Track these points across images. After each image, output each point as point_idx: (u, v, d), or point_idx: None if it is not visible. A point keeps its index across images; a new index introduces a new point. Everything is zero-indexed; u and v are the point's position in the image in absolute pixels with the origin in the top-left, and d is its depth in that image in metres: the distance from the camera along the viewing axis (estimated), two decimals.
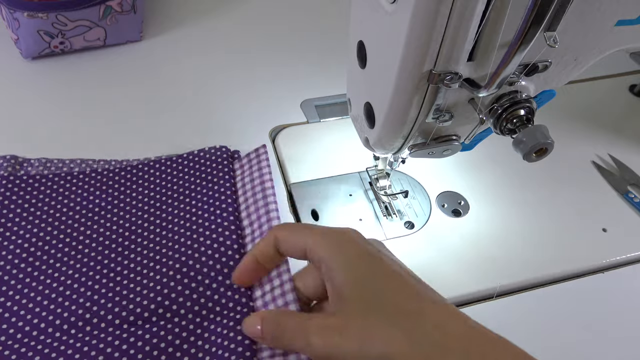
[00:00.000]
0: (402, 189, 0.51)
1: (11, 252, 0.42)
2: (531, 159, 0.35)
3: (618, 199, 0.53)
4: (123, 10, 0.59)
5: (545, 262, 0.47)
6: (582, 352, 0.42)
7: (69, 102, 0.56)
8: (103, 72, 0.60)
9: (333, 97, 0.60)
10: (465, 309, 0.44)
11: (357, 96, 0.41)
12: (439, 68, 0.32)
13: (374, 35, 0.35)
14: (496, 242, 0.48)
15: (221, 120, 0.56)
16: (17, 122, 0.54)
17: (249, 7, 0.72)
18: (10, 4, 0.54)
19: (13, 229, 0.43)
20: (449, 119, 0.36)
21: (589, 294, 0.45)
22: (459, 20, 0.29)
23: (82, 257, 0.42)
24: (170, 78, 0.60)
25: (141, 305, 0.39)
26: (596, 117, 0.61)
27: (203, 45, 0.65)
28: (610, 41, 0.35)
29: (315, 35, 0.68)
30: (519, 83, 0.35)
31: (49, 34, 0.57)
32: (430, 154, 0.41)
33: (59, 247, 0.43)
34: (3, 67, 0.59)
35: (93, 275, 0.42)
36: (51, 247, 0.43)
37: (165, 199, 0.47)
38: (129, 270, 0.42)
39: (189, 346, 0.38)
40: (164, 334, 0.38)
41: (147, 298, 0.40)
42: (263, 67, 0.63)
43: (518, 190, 0.52)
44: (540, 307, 0.44)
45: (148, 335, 0.38)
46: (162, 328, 0.38)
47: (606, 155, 0.57)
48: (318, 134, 0.55)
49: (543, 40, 0.30)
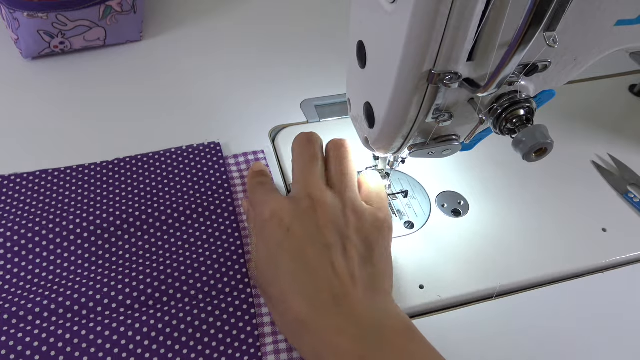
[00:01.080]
0: (402, 189, 0.51)
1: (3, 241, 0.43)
2: (531, 159, 0.35)
3: (618, 199, 0.53)
4: (123, 10, 0.59)
5: (545, 262, 0.47)
6: (582, 351, 0.42)
7: (69, 102, 0.56)
8: (103, 72, 0.60)
9: (333, 97, 0.60)
10: (465, 309, 0.44)
11: (356, 96, 0.41)
12: (439, 68, 0.32)
13: (373, 35, 0.35)
14: (496, 242, 0.48)
15: (221, 120, 0.56)
16: (17, 122, 0.54)
17: (249, 7, 0.72)
18: (10, 4, 0.54)
19: (7, 225, 0.44)
20: (448, 119, 0.36)
21: (589, 294, 0.45)
22: (458, 20, 0.29)
23: (76, 249, 0.43)
24: (170, 78, 0.60)
25: (138, 290, 0.41)
26: (596, 117, 0.61)
27: (203, 45, 0.65)
28: (610, 41, 0.35)
29: (315, 35, 0.68)
30: (518, 83, 0.35)
31: (49, 34, 0.57)
32: (430, 154, 0.41)
33: (50, 238, 0.43)
34: (3, 67, 0.59)
35: (88, 266, 0.43)
36: (42, 238, 0.43)
37: (160, 190, 0.48)
38: (124, 260, 0.43)
39: (187, 327, 0.39)
40: (161, 317, 0.39)
41: (144, 283, 0.41)
42: (263, 67, 0.63)
43: (518, 190, 0.52)
44: (540, 307, 0.44)
45: (145, 317, 0.39)
46: (161, 310, 0.40)
47: (606, 155, 0.57)
48: (318, 134, 0.55)
49: (543, 40, 0.30)
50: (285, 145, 0.54)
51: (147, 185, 0.48)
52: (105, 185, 0.48)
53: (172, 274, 0.42)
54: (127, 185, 0.48)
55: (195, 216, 0.46)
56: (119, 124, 0.55)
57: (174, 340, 0.39)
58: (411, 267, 0.46)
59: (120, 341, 0.38)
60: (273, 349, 0.39)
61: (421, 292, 0.44)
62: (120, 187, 0.48)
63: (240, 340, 0.39)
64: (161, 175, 0.49)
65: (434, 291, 0.44)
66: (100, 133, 0.54)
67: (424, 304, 0.43)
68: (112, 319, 0.39)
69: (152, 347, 0.38)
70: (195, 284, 0.41)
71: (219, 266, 0.43)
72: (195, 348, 0.39)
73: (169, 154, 0.51)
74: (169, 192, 0.48)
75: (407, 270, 0.45)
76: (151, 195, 0.47)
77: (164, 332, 0.39)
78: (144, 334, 0.39)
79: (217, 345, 0.39)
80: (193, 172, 0.49)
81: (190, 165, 0.50)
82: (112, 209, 0.46)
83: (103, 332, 0.39)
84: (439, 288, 0.44)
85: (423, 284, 0.44)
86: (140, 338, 0.38)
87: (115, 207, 0.46)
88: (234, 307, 0.41)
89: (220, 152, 0.51)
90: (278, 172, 0.52)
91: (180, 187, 0.48)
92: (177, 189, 0.48)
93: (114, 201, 0.47)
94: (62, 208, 0.46)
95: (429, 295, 0.44)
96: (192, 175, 0.49)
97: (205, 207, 0.47)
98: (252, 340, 0.39)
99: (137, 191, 0.48)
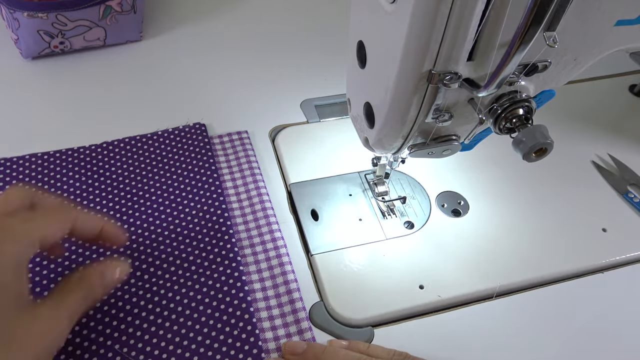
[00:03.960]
0: (399, 196, 0.50)
1: None
2: (531, 159, 0.35)
3: (618, 199, 0.53)
4: (123, 10, 0.59)
5: (545, 262, 0.47)
6: (582, 352, 0.42)
7: (69, 102, 0.56)
8: (103, 72, 0.60)
9: (333, 97, 0.60)
10: (465, 309, 0.44)
11: (356, 96, 0.41)
12: (439, 68, 0.32)
13: (373, 35, 0.35)
14: (496, 242, 0.48)
15: (221, 120, 0.56)
16: (17, 122, 0.54)
17: (249, 7, 0.72)
18: (10, 4, 0.54)
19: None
20: (448, 119, 0.36)
21: (589, 294, 0.45)
22: (458, 20, 0.29)
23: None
24: (170, 78, 0.60)
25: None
26: (596, 117, 0.61)
27: (203, 45, 0.65)
28: (610, 41, 0.35)
29: (315, 36, 0.68)
30: (518, 83, 0.35)
31: (49, 34, 0.57)
32: (430, 154, 0.41)
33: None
34: (3, 67, 0.59)
35: (75, 248, 0.44)
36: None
37: (148, 172, 0.50)
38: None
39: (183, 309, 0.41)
40: (150, 297, 0.41)
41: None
42: (263, 67, 0.63)
43: (518, 190, 0.52)
44: (540, 307, 0.44)
45: (135, 299, 0.41)
46: (150, 291, 0.42)
47: (606, 155, 0.57)
48: (318, 134, 0.55)
49: (543, 40, 0.30)
50: (285, 145, 0.54)
51: (137, 168, 0.50)
52: (96, 167, 0.49)
53: (165, 250, 0.44)
54: (117, 167, 0.50)
55: (182, 192, 0.48)
56: (119, 124, 0.55)
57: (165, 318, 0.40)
58: (411, 267, 0.46)
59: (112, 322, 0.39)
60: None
61: (421, 292, 0.44)
62: (110, 169, 0.49)
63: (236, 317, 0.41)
64: (149, 158, 0.51)
65: (434, 291, 0.44)
66: (100, 133, 0.53)
67: (424, 304, 0.43)
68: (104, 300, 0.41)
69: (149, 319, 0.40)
70: (184, 251, 0.44)
71: (207, 236, 0.45)
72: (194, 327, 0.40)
73: (156, 137, 0.52)
74: (158, 172, 0.50)
75: (407, 270, 0.45)
76: (140, 177, 0.49)
77: (160, 316, 0.40)
78: (141, 317, 0.40)
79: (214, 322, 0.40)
80: (180, 153, 0.51)
81: (177, 146, 0.52)
82: (98, 190, 0.47)
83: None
84: (439, 288, 0.44)
85: (423, 284, 0.44)
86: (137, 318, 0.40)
87: (102, 189, 0.48)
88: (225, 276, 0.42)
89: (205, 132, 0.53)
90: (278, 172, 0.52)
91: (168, 168, 0.50)
92: (165, 169, 0.50)
93: (105, 184, 0.48)
94: (50, 190, 0.47)
95: (429, 295, 0.44)
96: (179, 156, 0.51)
97: (193, 184, 0.49)
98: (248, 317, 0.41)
99: (127, 173, 0.49)
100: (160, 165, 0.50)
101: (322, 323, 0.42)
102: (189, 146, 0.52)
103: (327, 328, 0.42)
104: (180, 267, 0.43)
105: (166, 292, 0.41)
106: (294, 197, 0.50)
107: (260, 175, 0.51)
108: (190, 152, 0.51)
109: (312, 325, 0.42)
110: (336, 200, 0.50)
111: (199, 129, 0.53)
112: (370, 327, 0.42)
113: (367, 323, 0.42)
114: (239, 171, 0.51)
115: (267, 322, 0.41)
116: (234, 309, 0.41)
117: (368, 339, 0.41)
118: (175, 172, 0.49)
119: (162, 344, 0.39)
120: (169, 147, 0.51)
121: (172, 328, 0.40)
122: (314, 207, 0.49)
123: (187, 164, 0.50)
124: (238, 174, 0.51)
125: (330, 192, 0.50)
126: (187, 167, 0.50)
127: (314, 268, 0.45)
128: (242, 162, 0.52)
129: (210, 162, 0.50)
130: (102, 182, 0.48)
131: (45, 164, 0.49)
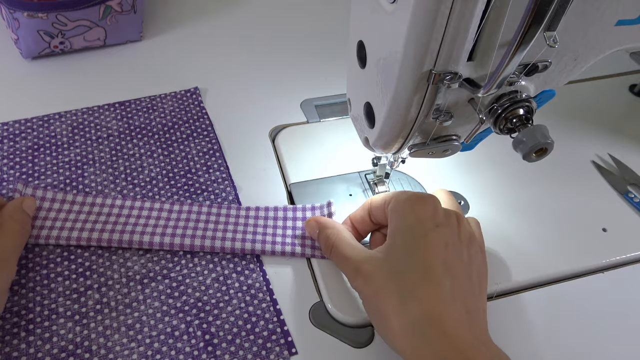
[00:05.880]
0: None
1: None
2: (531, 159, 0.35)
3: (618, 199, 0.53)
4: (123, 10, 0.59)
5: (545, 262, 0.47)
6: (582, 352, 0.42)
7: (69, 102, 0.56)
8: (103, 72, 0.60)
9: (333, 97, 0.60)
10: None
11: (357, 96, 0.41)
12: (439, 68, 0.32)
13: (374, 35, 0.35)
14: (496, 242, 0.48)
15: (221, 120, 0.56)
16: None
17: (249, 8, 0.72)
18: (10, 4, 0.54)
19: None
20: (449, 119, 0.36)
21: (589, 294, 0.45)
22: (458, 20, 0.29)
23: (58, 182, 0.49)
24: (170, 78, 0.60)
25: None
26: (596, 117, 0.61)
27: (203, 45, 0.65)
28: (610, 41, 0.35)
29: (316, 35, 0.68)
30: (518, 83, 0.35)
31: (49, 34, 0.57)
32: (430, 154, 0.41)
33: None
34: (3, 67, 0.59)
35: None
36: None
37: (143, 129, 0.54)
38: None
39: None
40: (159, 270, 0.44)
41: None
42: (263, 67, 0.63)
43: (518, 190, 0.53)
44: (540, 307, 0.44)
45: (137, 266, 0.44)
46: (151, 261, 0.44)
47: (606, 155, 0.57)
48: (318, 134, 0.55)
49: (543, 40, 0.30)
50: (285, 145, 0.54)
51: (132, 124, 0.54)
52: (88, 128, 0.53)
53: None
54: (112, 125, 0.53)
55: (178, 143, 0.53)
56: None
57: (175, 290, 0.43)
58: None
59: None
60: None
61: None
62: (107, 126, 0.53)
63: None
64: (148, 117, 0.55)
65: None
66: None
67: None
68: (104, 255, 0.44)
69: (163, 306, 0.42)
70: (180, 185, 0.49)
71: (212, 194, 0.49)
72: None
73: (152, 100, 0.56)
74: (152, 129, 0.53)
75: None
76: (139, 134, 0.53)
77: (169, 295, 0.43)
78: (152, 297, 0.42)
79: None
80: (173, 114, 0.55)
81: (172, 107, 0.56)
82: (97, 149, 0.51)
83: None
84: None
85: None
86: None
87: (100, 149, 0.51)
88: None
89: (199, 96, 0.57)
90: (278, 171, 0.52)
91: (162, 126, 0.54)
92: (159, 128, 0.54)
93: (104, 138, 0.52)
94: (50, 148, 0.51)
95: None
96: (174, 117, 0.55)
97: (188, 142, 0.53)
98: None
99: (126, 129, 0.53)
100: (154, 124, 0.54)
101: (322, 323, 0.42)
102: (183, 107, 0.56)
103: (327, 328, 0.42)
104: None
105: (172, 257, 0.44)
106: (294, 197, 0.50)
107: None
108: (186, 112, 0.56)
109: (313, 325, 0.42)
110: (336, 200, 0.49)
111: (194, 93, 0.58)
112: (370, 326, 0.42)
113: (367, 323, 0.42)
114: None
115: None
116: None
117: (368, 339, 0.41)
118: (169, 132, 0.54)
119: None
120: (162, 107, 0.56)
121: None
122: None
123: (182, 122, 0.55)
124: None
125: (331, 192, 0.50)
126: (184, 125, 0.54)
127: (314, 268, 0.45)
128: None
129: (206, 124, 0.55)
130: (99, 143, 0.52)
131: (41, 129, 0.52)
